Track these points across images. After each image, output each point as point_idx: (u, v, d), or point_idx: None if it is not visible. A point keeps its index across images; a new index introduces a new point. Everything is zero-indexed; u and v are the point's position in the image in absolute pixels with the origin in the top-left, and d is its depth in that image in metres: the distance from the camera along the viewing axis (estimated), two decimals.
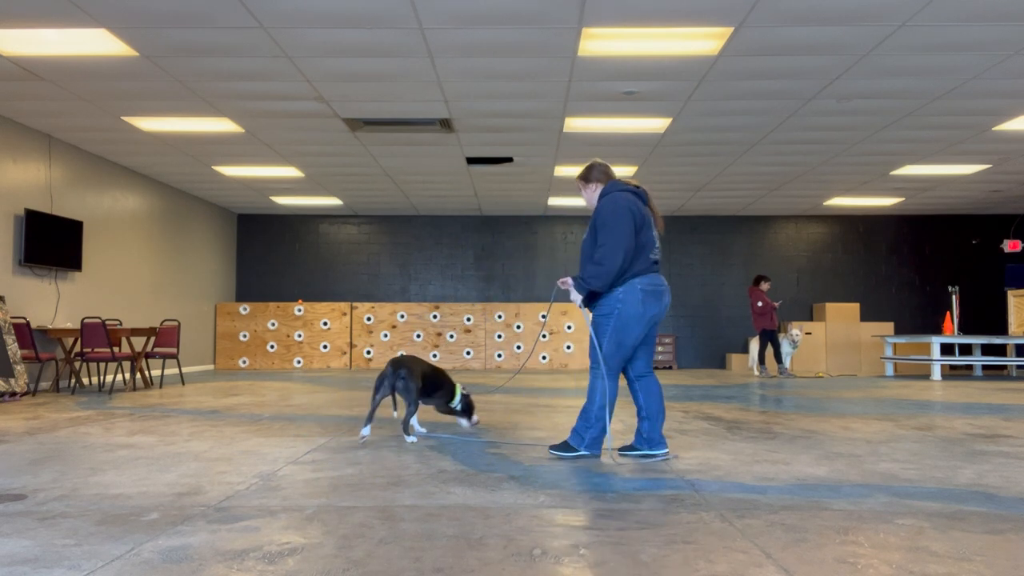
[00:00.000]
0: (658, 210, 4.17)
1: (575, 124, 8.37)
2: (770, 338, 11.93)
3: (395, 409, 5.20)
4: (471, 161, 10.13)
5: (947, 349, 14.26)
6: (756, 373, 12.22)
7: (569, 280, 4.04)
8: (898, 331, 14.47)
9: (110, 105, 7.79)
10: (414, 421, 5.04)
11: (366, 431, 4.60)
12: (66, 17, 5.61)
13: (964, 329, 14.38)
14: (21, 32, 5.88)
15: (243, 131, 8.71)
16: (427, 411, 6.13)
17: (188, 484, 3.38)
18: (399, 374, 4.60)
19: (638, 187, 4.10)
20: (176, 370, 12.06)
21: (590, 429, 3.96)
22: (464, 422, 5.03)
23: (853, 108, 7.80)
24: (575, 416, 6.13)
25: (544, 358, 13.76)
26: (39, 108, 7.89)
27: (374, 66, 6.62)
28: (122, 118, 8.24)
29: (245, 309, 13.82)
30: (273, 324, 13.82)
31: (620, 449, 4.18)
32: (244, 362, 13.81)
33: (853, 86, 7.12)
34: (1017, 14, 5.54)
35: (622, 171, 10.69)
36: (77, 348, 9.03)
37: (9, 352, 7.52)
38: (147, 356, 8.92)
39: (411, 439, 4.67)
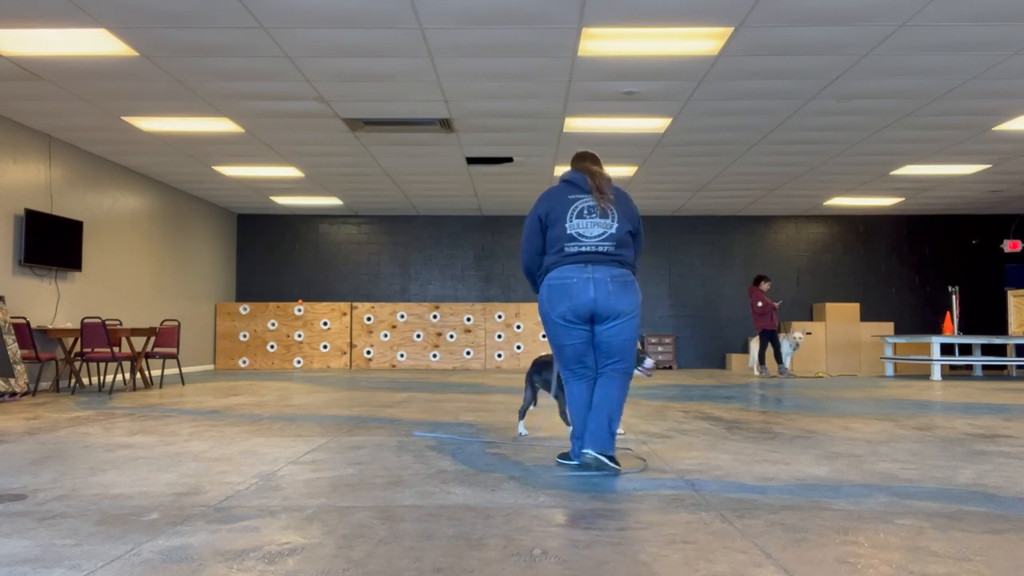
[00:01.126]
0: (603, 191, 3.76)
1: (575, 124, 8.37)
2: (770, 338, 11.93)
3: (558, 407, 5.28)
4: (471, 161, 10.13)
5: (947, 349, 14.26)
6: (756, 373, 12.22)
7: None
8: (898, 331, 14.47)
9: (110, 105, 7.79)
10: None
11: (522, 430, 4.95)
12: (66, 17, 5.61)
13: (964, 329, 14.38)
14: (21, 32, 5.88)
15: (243, 131, 8.71)
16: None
17: (188, 484, 3.38)
18: (531, 370, 4.87)
19: (580, 171, 3.86)
20: (176, 370, 12.06)
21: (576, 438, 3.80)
22: (640, 372, 4.98)
23: (853, 108, 7.80)
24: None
25: None
26: (39, 108, 7.89)
27: (374, 66, 6.62)
28: (122, 118, 8.24)
29: (245, 309, 13.82)
30: (273, 324, 13.82)
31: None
32: (244, 362, 13.81)
33: (853, 86, 7.12)
34: (1017, 14, 5.54)
35: (622, 171, 10.70)
36: (77, 348, 9.03)
37: (9, 352, 7.52)
38: (147, 356, 8.92)
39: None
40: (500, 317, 13.84)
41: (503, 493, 3.22)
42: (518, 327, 13.79)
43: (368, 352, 13.80)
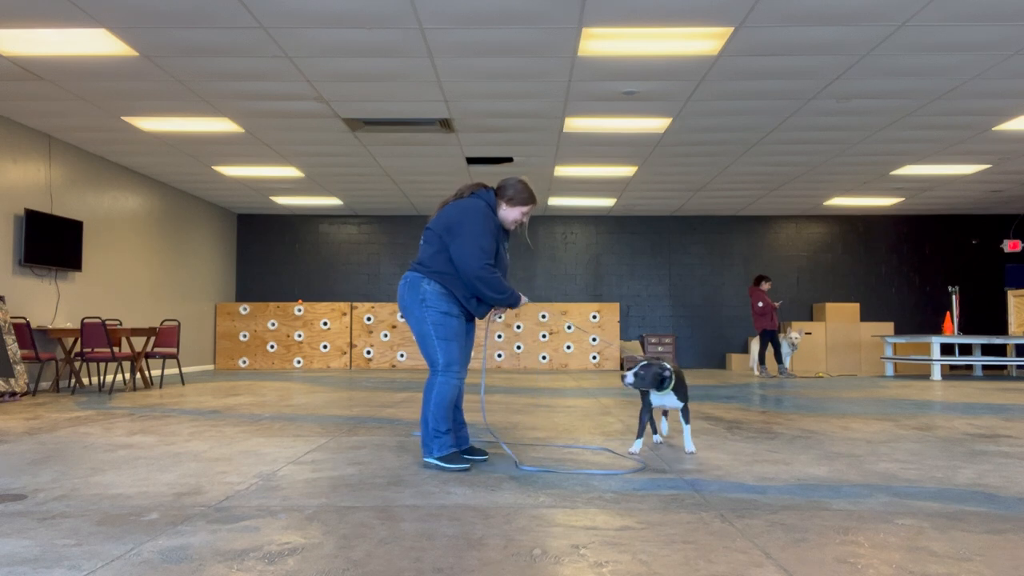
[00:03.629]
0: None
1: (575, 124, 8.37)
2: (770, 338, 11.93)
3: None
4: (471, 161, 10.13)
5: (947, 349, 14.26)
6: (756, 373, 12.22)
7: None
8: (898, 331, 14.47)
9: (110, 105, 7.79)
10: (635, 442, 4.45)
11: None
12: (66, 17, 5.61)
13: (964, 329, 14.38)
14: (21, 32, 5.88)
15: (243, 131, 8.71)
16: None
17: (188, 484, 3.38)
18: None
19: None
20: (176, 370, 12.05)
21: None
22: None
23: (853, 108, 7.80)
24: (575, 416, 6.13)
25: (544, 358, 13.77)
26: (39, 108, 7.89)
27: (374, 66, 6.62)
28: (122, 118, 8.24)
29: (245, 309, 13.82)
30: (273, 324, 13.81)
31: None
32: (244, 362, 13.80)
33: (853, 86, 7.12)
34: (1017, 14, 5.54)
35: (622, 171, 10.70)
36: (77, 348, 9.03)
37: (9, 352, 7.52)
38: (147, 356, 8.92)
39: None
40: (500, 318, 13.83)
41: (503, 493, 3.22)
42: (518, 327, 13.79)
43: (368, 352, 13.80)
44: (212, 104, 7.70)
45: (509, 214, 3.95)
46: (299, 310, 13.84)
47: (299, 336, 13.80)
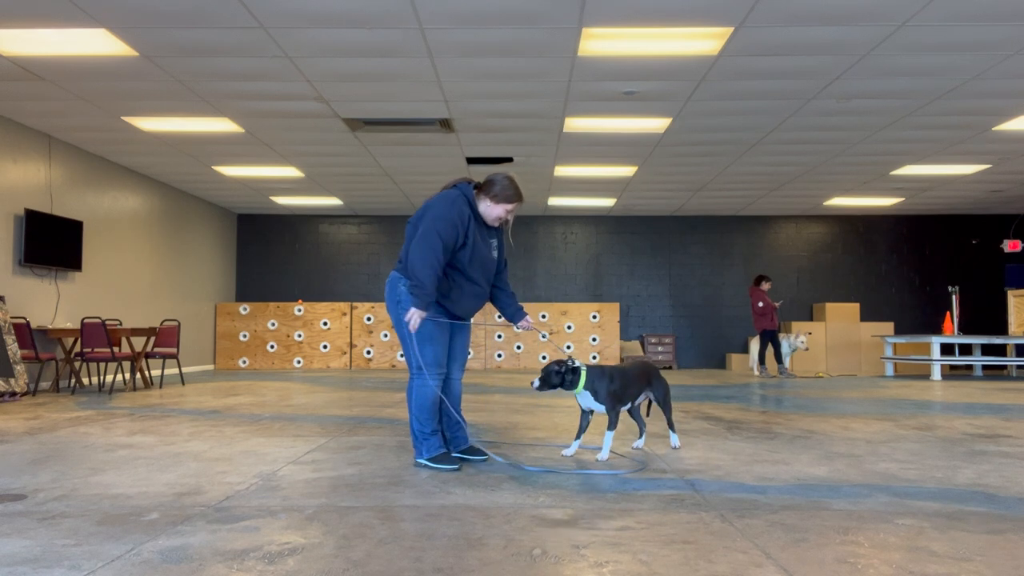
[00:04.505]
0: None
1: (575, 124, 8.37)
2: (771, 338, 11.93)
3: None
4: (471, 161, 10.13)
5: (947, 349, 14.26)
6: (756, 373, 12.22)
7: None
8: (898, 331, 14.47)
9: (110, 105, 7.79)
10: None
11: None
12: (66, 17, 5.61)
13: (964, 329, 14.38)
14: (21, 32, 5.88)
15: (243, 131, 8.71)
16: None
17: (188, 484, 3.38)
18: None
19: None
20: (176, 370, 12.05)
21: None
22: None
23: (853, 108, 7.80)
24: (575, 416, 6.13)
25: (544, 358, 13.76)
26: (39, 108, 7.89)
27: (374, 66, 6.62)
28: (122, 118, 8.24)
29: (245, 309, 13.82)
30: (273, 324, 13.81)
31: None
32: (244, 362, 13.80)
33: (853, 86, 7.12)
34: (1017, 14, 5.54)
35: (622, 171, 10.70)
36: (77, 348, 9.03)
37: (9, 352, 7.52)
38: (147, 356, 8.92)
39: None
40: (500, 317, 13.83)
41: (503, 493, 3.22)
42: (518, 328, 13.78)
43: (368, 352, 13.80)
44: (212, 104, 7.70)
45: (492, 210, 3.85)
46: (299, 310, 13.84)
47: (299, 336, 13.80)
